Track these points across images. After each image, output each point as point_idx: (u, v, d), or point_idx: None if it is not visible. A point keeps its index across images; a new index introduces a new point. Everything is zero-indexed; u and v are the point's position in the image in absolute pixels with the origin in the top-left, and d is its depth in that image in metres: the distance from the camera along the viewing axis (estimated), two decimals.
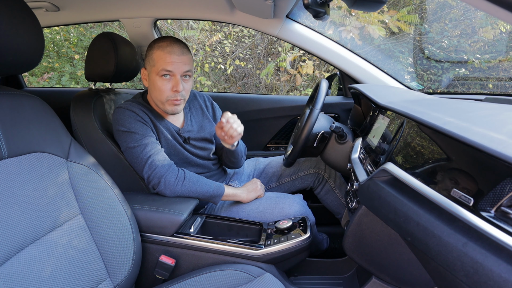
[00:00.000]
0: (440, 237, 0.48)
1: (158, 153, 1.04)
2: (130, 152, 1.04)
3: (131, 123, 1.04)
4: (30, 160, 0.68)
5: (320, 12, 0.81)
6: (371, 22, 3.14)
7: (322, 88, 1.15)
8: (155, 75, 1.05)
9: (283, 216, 1.10)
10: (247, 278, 0.82)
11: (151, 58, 1.05)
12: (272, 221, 1.08)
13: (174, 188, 1.01)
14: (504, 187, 0.41)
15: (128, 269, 0.82)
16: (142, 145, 1.03)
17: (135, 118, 1.05)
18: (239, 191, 1.14)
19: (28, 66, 0.70)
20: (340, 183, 1.36)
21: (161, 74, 1.03)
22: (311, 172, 1.37)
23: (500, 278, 0.39)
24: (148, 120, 1.07)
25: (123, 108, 1.06)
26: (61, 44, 4.35)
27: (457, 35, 3.73)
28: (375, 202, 0.68)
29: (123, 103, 1.09)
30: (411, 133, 0.68)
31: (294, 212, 1.11)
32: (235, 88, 4.11)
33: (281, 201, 1.15)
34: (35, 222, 0.65)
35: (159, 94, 1.06)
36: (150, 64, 1.06)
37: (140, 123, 1.05)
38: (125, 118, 1.04)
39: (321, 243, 1.30)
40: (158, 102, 1.08)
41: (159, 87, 1.05)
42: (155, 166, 1.01)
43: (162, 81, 1.04)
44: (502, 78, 3.50)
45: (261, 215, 1.12)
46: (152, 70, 1.05)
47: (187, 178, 1.03)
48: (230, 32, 3.95)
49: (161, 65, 1.03)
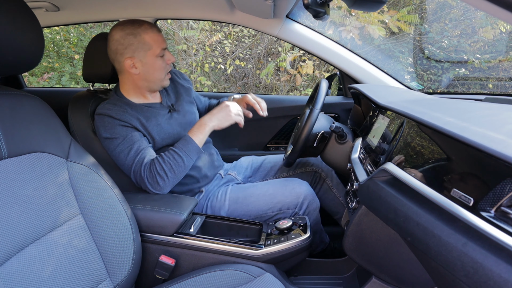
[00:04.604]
0: (440, 237, 0.48)
1: (141, 154, 1.03)
2: (116, 158, 1.05)
3: (111, 128, 1.03)
4: (30, 160, 0.68)
5: (320, 12, 0.81)
6: (371, 22, 3.14)
7: (322, 88, 1.15)
8: (153, 57, 1.07)
9: (294, 196, 1.12)
10: (247, 278, 0.82)
11: (143, 43, 1.04)
12: (284, 202, 1.11)
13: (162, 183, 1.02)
14: (504, 187, 0.41)
15: (128, 269, 0.82)
16: (125, 150, 1.03)
17: (113, 122, 1.04)
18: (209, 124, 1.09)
19: (28, 66, 0.70)
20: (337, 183, 1.37)
21: (160, 54, 1.07)
22: (308, 170, 1.38)
23: (500, 278, 0.39)
24: (129, 118, 1.05)
25: (101, 114, 1.05)
26: (61, 44, 4.35)
27: (457, 35, 3.73)
28: (375, 202, 0.68)
29: (100, 108, 1.06)
30: (411, 133, 0.68)
31: (304, 191, 1.14)
32: (235, 88, 4.11)
33: (290, 182, 1.17)
34: (35, 222, 0.65)
35: (160, 73, 1.10)
36: (142, 50, 1.05)
37: (120, 126, 1.04)
38: (104, 124, 1.04)
39: (324, 235, 1.30)
40: (156, 81, 1.11)
41: (159, 66, 1.08)
42: (137, 169, 1.02)
43: (161, 60, 1.08)
44: (502, 78, 3.50)
45: (271, 197, 1.13)
46: (149, 54, 1.06)
47: (158, 166, 1.02)
48: (230, 32, 3.95)
49: (159, 45, 1.06)
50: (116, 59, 1.08)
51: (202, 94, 1.88)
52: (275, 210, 1.12)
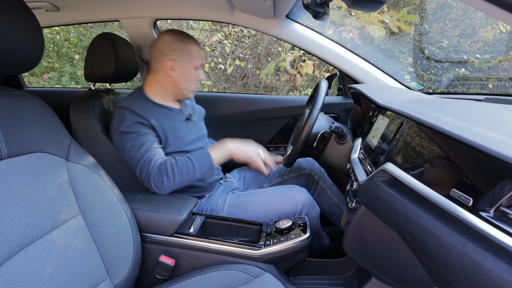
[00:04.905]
0: (440, 237, 0.48)
1: (151, 151, 1.04)
2: (126, 152, 1.06)
3: (129, 122, 1.05)
4: (30, 160, 0.68)
5: (320, 12, 0.81)
6: (371, 22, 3.14)
7: (322, 88, 1.15)
8: (191, 68, 1.16)
9: (293, 203, 1.11)
10: (247, 278, 0.82)
11: (189, 52, 1.14)
12: (283, 210, 1.10)
13: (167, 184, 1.02)
14: (503, 187, 0.41)
15: (128, 269, 0.82)
16: (137, 145, 1.04)
17: (133, 118, 1.05)
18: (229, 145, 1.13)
19: (28, 66, 0.70)
20: (330, 185, 1.37)
21: (197, 67, 1.17)
22: (302, 173, 1.39)
23: (499, 278, 0.39)
24: (149, 116, 1.08)
25: (122, 108, 1.07)
26: (61, 44, 4.35)
27: (457, 35, 3.73)
28: (375, 202, 0.69)
29: (123, 102, 1.09)
30: (411, 133, 0.68)
31: (303, 199, 1.13)
32: (235, 88, 4.11)
33: (289, 190, 1.16)
34: (35, 222, 0.65)
35: (191, 83, 1.18)
36: (186, 57, 1.13)
37: (138, 123, 1.06)
38: (123, 118, 1.05)
39: (324, 239, 1.30)
40: (185, 90, 1.18)
41: (192, 77, 1.17)
42: (144, 165, 1.02)
43: (195, 72, 1.17)
44: (502, 78, 3.50)
45: (270, 204, 1.12)
46: (189, 63, 1.15)
47: (169, 167, 1.02)
48: (230, 32, 3.95)
49: (199, 60, 1.17)
50: (158, 58, 1.13)
51: (202, 95, 1.89)
52: (274, 218, 1.12)
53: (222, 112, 1.79)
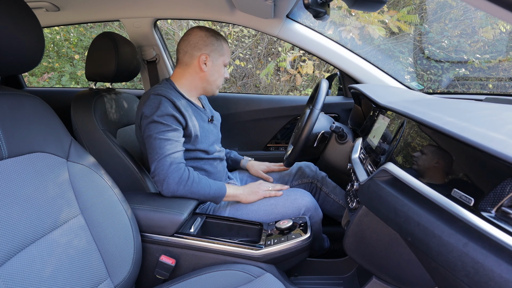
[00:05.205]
0: (441, 237, 0.48)
1: (174, 151, 1.03)
2: (150, 141, 1.03)
3: (164, 112, 1.03)
4: (30, 160, 0.68)
5: (320, 12, 0.81)
6: (371, 22, 3.14)
7: (322, 88, 1.15)
8: (221, 64, 1.19)
9: (296, 207, 1.11)
10: (247, 278, 0.82)
11: (221, 48, 1.17)
12: (285, 213, 1.10)
13: (176, 189, 1.01)
14: (504, 187, 0.41)
15: (128, 269, 0.82)
16: (163, 139, 1.02)
17: (169, 109, 1.04)
18: (240, 191, 1.14)
19: (29, 66, 0.70)
20: (333, 187, 1.38)
21: (226, 64, 1.21)
22: (305, 181, 1.39)
23: (501, 278, 0.39)
24: (183, 109, 1.07)
25: (159, 95, 1.05)
26: (61, 44, 4.35)
27: (457, 35, 3.73)
28: (376, 202, 0.68)
29: (158, 90, 1.06)
30: (412, 133, 0.68)
31: (307, 203, 1.12)
32: (235, 88, 4.11)
33: (292, 193, 1.16)
34: (36, 222, 0.65)
35: (219, 79, 1.21)
36: (219, 53, 1.17)
37: (172, 116, 1.04)
38: (159, 106, 1.03)
39: (324, 241, 1.30)
40: (214, 85, 1.20)
41: (222, 73, 1.20)
42: (163, 162, 1.00)
43: (224, 69, 1.21)
44: (502, 78, 3.50)
45: (272, 207, 1.12)
46: (220, 59, 1.18)
47: (190, 180, 1.02)
48: (230, 32, 3.95)
49: (228, 57, 1.21)
50: (191, 52, 1.14)
51: None
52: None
53: (222, 112, 1.79)
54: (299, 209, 1.11)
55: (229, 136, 1.82)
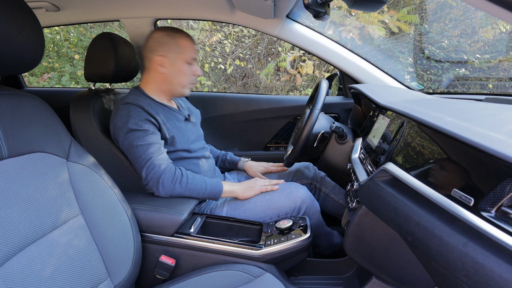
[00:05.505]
0: (441, 237, 0.48)
1: (159, 154, 1.04)
2: (132, 150, 1.03)
3: (137, 119, 1.03)
4: (30, 160, 0.68)
5: (321, 12, 0.81)
6: (371, 22, 3.14)
7: (322, 88, 1.15)
8: (181, 62, 1.13)
9: (292, 200, 1.11)
10: (247, 278, 0.82)
11: (178, 46, 1.12)
12: (282, 207, 1.10)
13: (172, 189, 1.01)
14: (504, 187, 0.41)
15: (128, 269, 0.82)
16: (145, 145, 1.02)
17: (141, 114, 1.04)
18: (236, 187, 1.14)
19: (29, 66, 0.70)
20: (332, 187, 1.38)
21: (189, 61, 1.14)
22: (304, 182, 1.39)
23: (501, 278, 0.39)
24: (154, 113, 1.07)
25: (128, 104, 1.05)
26: (61, 44, 4.34)
27: (457, 35, 3.73)
28: (376, 202, 0.68)
29: (127, 99, 1.07)
30: (412, 133, 0.68)
31: (302, 195, 1.13)
32: (235, 88, 4.11)
33: (287, 187, 1.16)
34: (35, 222, 0.65)
35: (183, 79, 1.15)
36: (175, 52, 1.12)
37: (146, 120, 1.05)
38: (130, 114, 1.04)
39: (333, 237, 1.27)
40: (178, 86, 1.16)
41: (185, 72, 1.15)
42: (153, 166, 1.01)
43: (188, 67, 1.15)
44: (502, 78, 3.50)
45: (268, 203, 1.12)
46: (179, 58, 1.13)
47: (185, 177, 1.03)
48: (230, 32, 3.95)
49: (190, 53, 1.14)
50: (147, 55, 1.13)
51: (202, 95, 1.88)
52: (273, 217, 1.11)
53: (222, 112, 1.79)
54: (295, 202, 1.12)
55: (229, 136, 1.82)
